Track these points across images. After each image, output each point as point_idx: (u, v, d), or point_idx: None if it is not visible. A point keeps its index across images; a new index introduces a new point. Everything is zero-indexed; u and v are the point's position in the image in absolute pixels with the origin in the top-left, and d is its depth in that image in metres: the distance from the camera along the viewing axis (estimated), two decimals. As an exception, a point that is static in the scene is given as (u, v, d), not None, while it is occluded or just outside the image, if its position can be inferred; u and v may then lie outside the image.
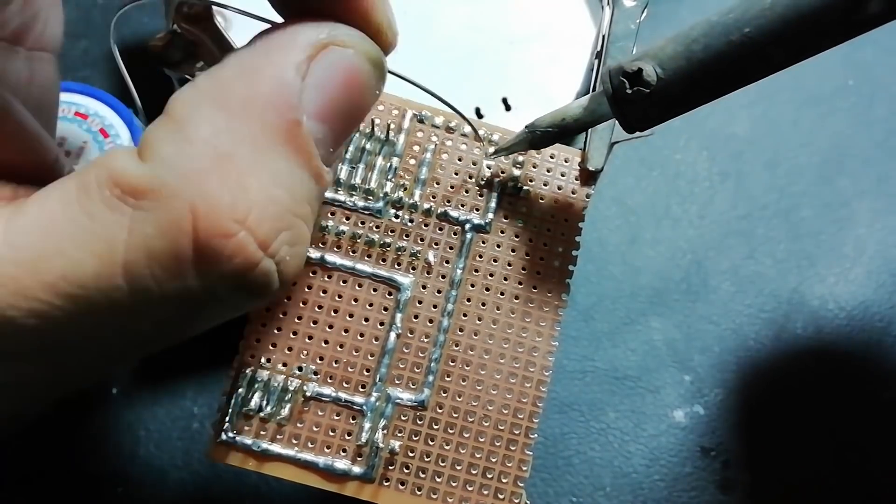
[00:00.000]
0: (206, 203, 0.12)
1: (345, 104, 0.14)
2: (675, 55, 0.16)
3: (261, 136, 0.13)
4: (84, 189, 0.12)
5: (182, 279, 0.12)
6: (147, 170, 0.12)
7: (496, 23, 0.27)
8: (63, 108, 0.27)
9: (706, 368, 0.28)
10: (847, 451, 0.27)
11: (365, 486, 0.18)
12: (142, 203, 0.12)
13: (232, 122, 0.13)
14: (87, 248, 0.12)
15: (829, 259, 0.30)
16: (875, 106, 0.32)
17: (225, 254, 0.12)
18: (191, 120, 0.13)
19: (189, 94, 0.13)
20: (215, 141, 0.13)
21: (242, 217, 0.12)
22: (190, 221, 0.12)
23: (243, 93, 0.13)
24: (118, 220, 0.12)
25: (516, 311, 0.20)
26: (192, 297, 0.13)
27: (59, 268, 0.12)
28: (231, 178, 0.13)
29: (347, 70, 0.14)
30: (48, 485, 0.25)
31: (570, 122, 0.18)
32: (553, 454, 0.27)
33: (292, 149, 0.13)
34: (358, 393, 0.19)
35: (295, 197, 0.13)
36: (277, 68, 0.13)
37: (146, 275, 0.12)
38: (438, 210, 0.20)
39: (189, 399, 0.27)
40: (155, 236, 0.12)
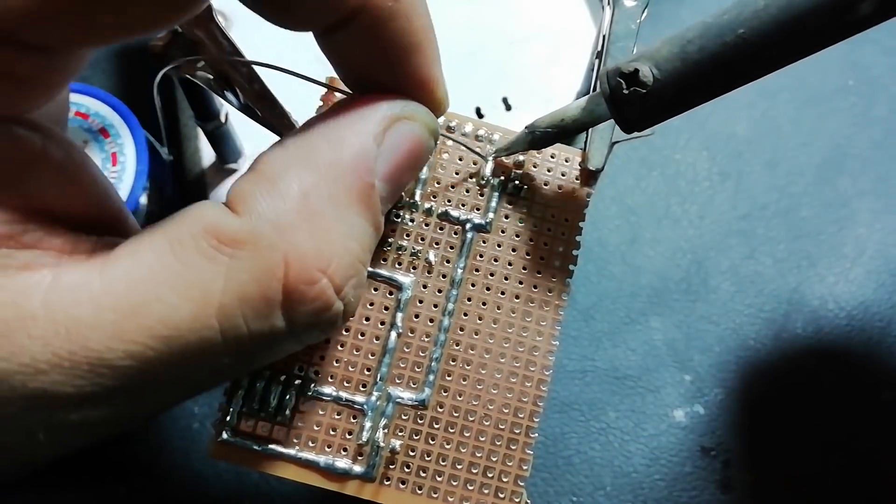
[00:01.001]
0: (297, 253, 0.14)
1: (407, 168, 0.16)
2: (671, 56, 0.16)
3: (343, 196, 0.15)
4: (178, 241, 0.14)
5: (269, 319, 0.14)
6: (244, 222, 0.14)
7: (496, 23, 0.27)
8: None
9: (706, 368, 0.28)
10: (847, 450, 0.27)
11: (366, 485, 0.18)
12: (238, 252, 0.14)
13: (319, 182, 0.15)
14: (184, 294, 0.13)
15: (829, 259, 0.30)
16: (875, 106, 0.32)
17: (308, 297, 0.14)
18: (282, 178, 0.14)
19: (279, 154, 0.15)
20: (305, 199, 0.14)
21: (325, 266, 0.14)
22: (283, 269, 0.14)
23: (329, 157, 0.15)
24: (215, 268, 0.13)
25: (517, 311, 0.20)
26: (275, 334, 0.14)
27: (157, 313, 0.13)
28: (318, 232, 0.14)
29: (413, 140, 0.16)
30: (48, 485, 0.25)
31: (569, 123, 0.18)
32: (553, 453, 0.27)
33: (365, 207, 0.15)
34: (359, 392, 0.19)
35: (363, 247, 0.15)
36: (360, 137, 0.15)
37: (238, 315, 0.14)
38: (439, 210, 0.20)
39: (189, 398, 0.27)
40: (249, 282, 0.14)
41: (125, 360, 0.13)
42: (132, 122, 0.27)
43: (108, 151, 0.26)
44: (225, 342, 0.14)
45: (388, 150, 0.16)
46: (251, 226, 0.14)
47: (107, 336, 0.13)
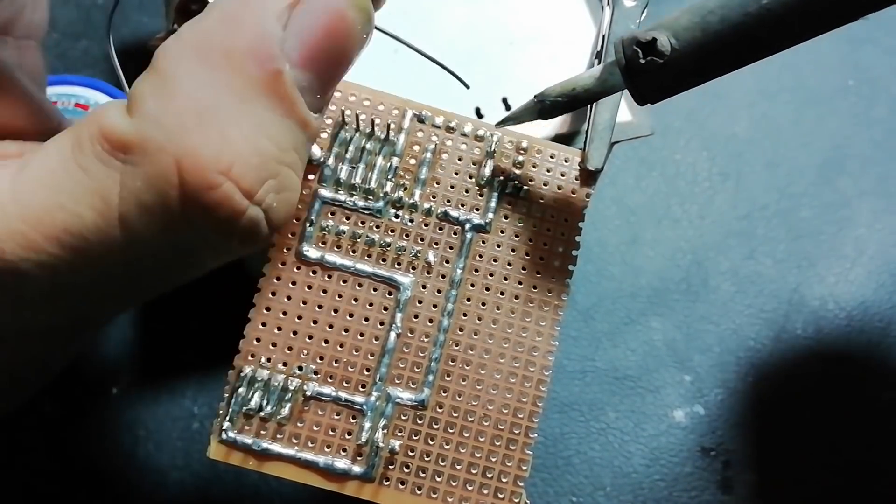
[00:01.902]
0: (189, 157, 0.13)
1: (329, 50, 0.14)
2: (691, 26, 0.16)
3: (243, 88, 0.13)
4: (78, 143, 0.13)
5: (173, 229, 0.13)
6: (133, 125, 0.13)
7: (496, 23, 0.27)
8: (63, 101, 0.27)
9: (706, 368, 0.28)
10: (847, 450, 0.27)
11: (365, 485, 0.18)
12: (130, 157, 0.13)
13: (214, 74, 0.13)
14: (84, 201, 0.13)
15: (829, 259, 0.30)
16: (875, 106, 0.32)
17: (210, 205, 0.13)
18: (174, 73, 0.13)
19: (173, 46, 0.14)
20: (198, 94, 0.13)
21: (226, 168, 0.13)
22: (176, 175, 0.13)
23: (224, 44, 0.13)
24: (110, 173, 0.13)
25: (516, 311, 0.20)
26: (185, 244, 0.14)
27: (61, 221, 0.13)
28: (213, 130, 0.13)
29: (330, 16, 0.14)
30: (48, 485, 0.25)
31: (581, 92, 0.18)
32: (553, 454, 0.27)
33: (275, 98, 0.13)
34: (358, 392, 0.19)
35: (280, 145, 0.14)
36: (257, 17, 0.13)
37: (140, 224, 0.13)
38: (438, 210, 0.20)
39: (189, 399, 0.27)
40: (144, 190, 0.13)
41: (38, 270, 0.13)
42: None
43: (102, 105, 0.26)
44: (131, 249, 0.13)
45: (298, 29, 0.14)
46: (139, 128, 0.13)
47: (19, 246, 0.13)
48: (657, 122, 0.30)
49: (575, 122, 0.25)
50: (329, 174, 0.19)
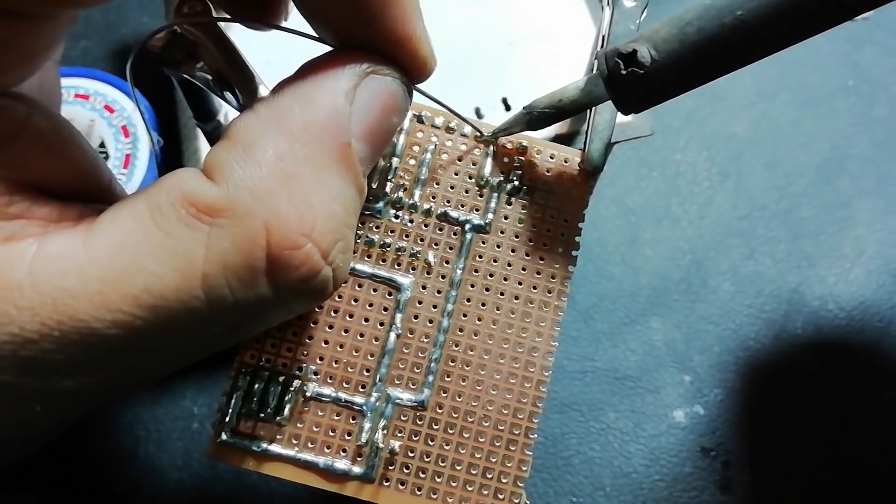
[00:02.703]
0: (277, 219, 0.14)
1: (382, 125, 0.16)
2: (670, 37, 0.16)
3: (319, 157, 0.14)
4: (158, 209, 0.14)
5: (254, 287, 0.14)
6: (222, 191, 0.14)
7: (496, 23, 0.27)
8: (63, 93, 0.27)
9: (706, 368, 0.28)
10: (847, 450, 0.27)
11: (365, 486, 0.18)
12: (218, 221, 0.14)
13: (293, 145, 0.14)
14: (167, 263, 0.13)
15: (829, 259, 0.30)
16: (875, 106, 0.32)
17: (294, 264, 0.14)
18: (256, 144, 0.14)
19: (251, 120, 0.15)
20: (281, 163, 0.14)
21: (309, 231, 0.14)
22: (264, 236, 0.14)
23: (301, 119, 0.14)
24: (196, 236, 0.13)
25: (516, 312, 0.20)
26: (263, 303, 0.14)
27: (142, 282, 0.13)
28: (297, 196, 0.14)
29: (385, 94, 0.16)
30: (48, 485, 0.25)
31: (567, 104, 0.18)
32: (553, 454, 0.27)
33: (345, 167, 0.15)
34: (358, 393, 0.19)
35: (347, 210, 0.15)
36: (330, 96, 0.15)
37: (223, 285, 0.14)
38: (438, 210, 0.20)
39: (189, 399, 0.27)
40: (231, 250, 0.13)
41: (113, 329, 0.13)
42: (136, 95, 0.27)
43: (118, 125, 0.27)
44: (211, 311, 0.14)
45: (361, 107, 0.15)
46: (229, 193, 0.14)
47: (94, 306, 0.13)
48: (657, 122, 0.30)
49: (575, 123, 0.25)
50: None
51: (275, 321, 0.16)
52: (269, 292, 0.14)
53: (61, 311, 0.13)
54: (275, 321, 0.16)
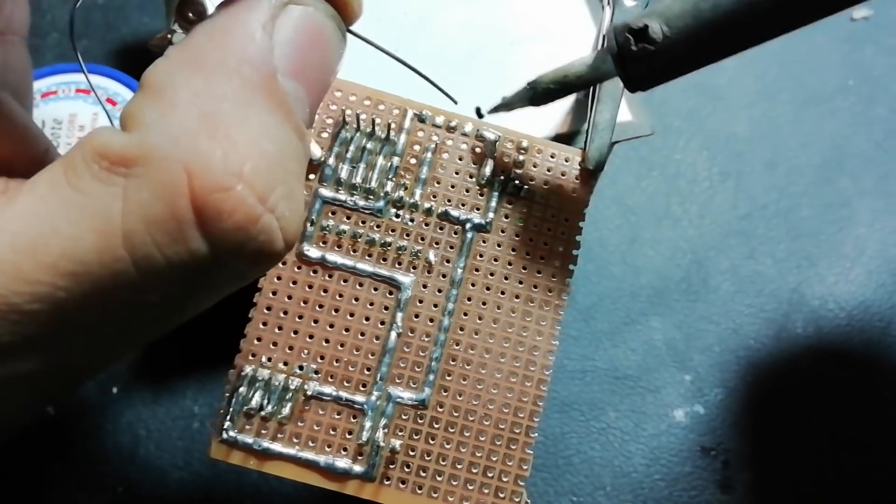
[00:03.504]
0: (198, 160, 0.12)
1: (313, 61, 0.14)
2: (683, 13, 0.16)
3: (240, 92, 0.13)
4: (71, 167, 0.12)
5: (185, 242, 0.12)
6: (134, 138, 0.12)
7: (496, 23, 0.27)
8: (63, 89, 0.27)
9: (706, 368, 0.28)
10: (847, 450, 0.27)
11: (366, 484, 0.18)
12: (133, 170, 0.12)
13: (210, 81, 0.13)
14: (82, 223, 0.12)
15: (829, 259, 0.30)
16: (875, 106, 0.32)
17: (225, 208, 0.12)
18: (169, 86, 0.13)
19: (162, 64, 0.13)
20: (197, 101, 0.13)
21: (237, 170, 0.12)
22: (185, 180, 0.12)
23: (216, 53, 0.13)
24: (111, 190, 0.12)
25: (517, 311, 0.20)
26: (197, 260, 0.13)
27: (58, 247, 0.12)
28: (219, 133, 0.12)
29: (311, 27, 0.14)
30: (49, 485, 0.25)
31: (573, 79, 0.18)
32: (553, 453, 0.27)
33: (273, 103, 0.13)
34: (359, 392, 0.19)
35: (282, 151, 0.13)
36: (246, 27, 0.13)
37: (148, 241, 0.12)
38: (439, 209, 0.20)
39: (189, 398, 0.27)
40: (151, 201, 0.12)
41: (34, 304, 0.12)
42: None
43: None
44: (140, 274, 0.12)
45: (284, 40, 0.14)
46: (142, 139, 0.12)
47: (9, 279, 0.12)
48: (657, 122, 0.30)
49: (575, 122, 0.25)
50: (329, 174, 0.19)
51: (225, 287, 0.14)
52: (203, 246, 0.13)
53: None
54: (225, 287, 0.14)
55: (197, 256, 0.13)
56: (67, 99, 0.27)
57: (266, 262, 0.14)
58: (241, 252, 0.13)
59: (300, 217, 0.14)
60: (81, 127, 0.27)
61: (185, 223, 0.12)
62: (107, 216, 0.12)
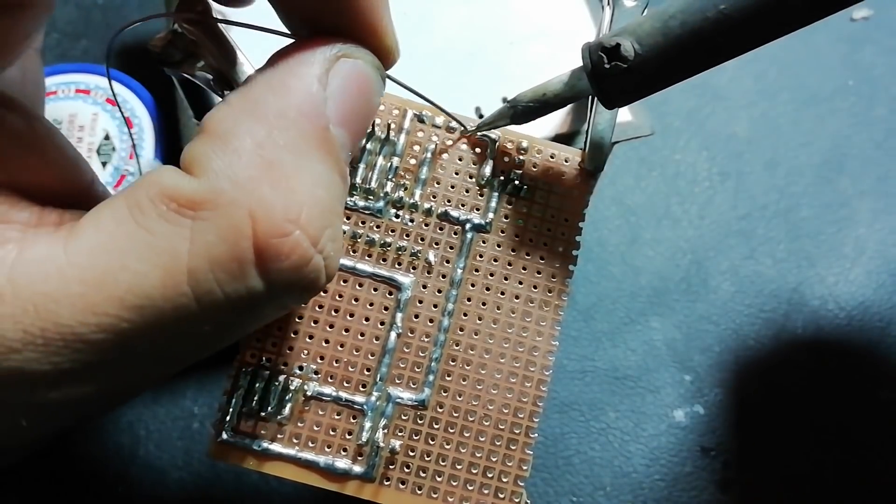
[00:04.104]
0: (261, 207, 0.13)
1: (358, 109, 0.15)
2: (653, 31, 0.16)
3: (299, 143, 0.14)
4: (137, 206, 0.13)
5: (244, 280, 0.13)
6: (202, 183, 0.13)
7: (496, 23, 0.27)
8: (63, 89, 0.27)
9: (706, 368, 0.28)
10: (847, 450, 0.27)
11: (365, 485, 0.18)
12: (200, 214, 0.13)
13: (271, 132, 0.14)
14: (150, 261, 0.13)
15: (829, 259, 0.30)
16: (875, 106, 0.32)
17: (283, 252, 0.13)
18: (233, 134, 0.14)
19: (224, 111, 0.14)
20: (260, 150, 0.14)
21: (295, 217, 0.14)
22: (250, 225, 0.13)
23: (276, 106, 0.14)
24: (179, 231, 0.13)
25: (517, 311, 0.20)
26: (253, 296, 0.14)
27: (125, 282, 0.13)
28: (280, 182, 0.14)
29: (358, 78, 0.15)
30: (48, 485, 0.25)
31: (551, 97, 0.18)
32: (553, 454, 0.27)
33: (325, 152, 0.14)
34: (358, 392, 0.19)
35: (332, 196, 0.15)
36: (303, 81, 0.14)
37: (210, 279, 0.13)
38: (439, 210, 0.20)
39: (189, 399, 0.27)
40: (217, 243, 0.13)
41: (99, 334, 0.13)
42: (135, 87, 0.27)
43: (121, 117, 0.27)
44: (201, 308, 0.13)
45: (336, 91, 0.15)
46: (209, 185, 0.13)
47: (77, 310, 0.12)
48: (657, 122, 0.30)
49: (575, 122, 0.25)
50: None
51: (268, 318, 0.16)
52: (260, 284, 0.14)
53: (44, 318, 0.12)
54: (268, 318, 0.16)
55: (254, 293, 0.14)
56: (67, 99, 0.27)
57: (310, 295, 0.15)
58: (292, 289, 0.14)
59: (340, 253, 0.16)
60: (81, 127, 0.27)
61: (247, 264, 0.13)
62: (174, 255, 0.13)
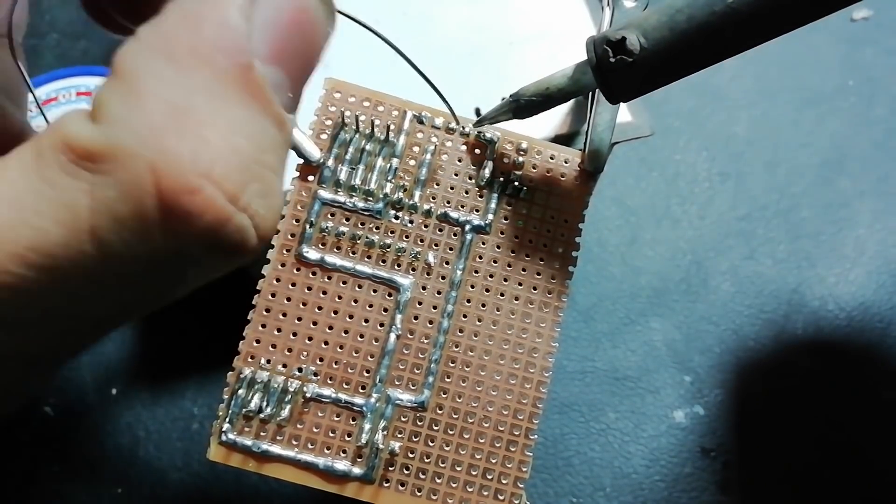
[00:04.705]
0: (165, 160, 0.12)
1: (296, 44, 0.14)
2: (659, 25, 0.16)
3: (214, 84, 0.12)
4: (40, 155, 0.12)
5: (150, 240, 0.12)
6: (100, 132, 0.12)
7: (496, 23, 0.27)
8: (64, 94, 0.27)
9: (706, 369, 0.28)
10: (847, 450, 0.27)
11: (365, 487, 0.18)
12: (100, 166, 0.12)
13: (181, 72, 0.12)
14: (50, 216, 0.12)
15: (829, 259, 0.30)
16: (875, 106, 0.32)
17: (193, 211, 0.12)
18: (138, 75, 0.12)
19: (133, 48, 0.13)
20: (167, 94, 0.12)
21: (206, 171, 0.12)
22: (152, 181, 0.12)
23: (189, 41, 0.12)
24: (78, 185, 0.12)
25: (516, 312, 0.19)
26: (166, 258, 0.12)
27: (26, 238, 0.12)
28: (189, 131, 0.12)
29: (294, 6, 0.13)
30: (48, 485, 0.25)
31: (555, 92, 0.18)
32: (553, 455, 0.27)
33: (248, 95, 0.13)
34: (358, 394, 0.19)
35: (259, 146, 0.13)
36: (220, 11, 0.13)
37: (114, 238, 0.12)
38: (438, 211, 0.20)
39: (189, 400, 0.27)
40: (117, 199, 0.12)
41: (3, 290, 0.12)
42: None
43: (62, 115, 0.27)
44: (106, 268, 0.12)
45: (264, 24, 0.13)
46: (109, 135, 0.12)
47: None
48: (657, 122, 0.30)
49: (575, 123, 0.25)
50: (329, 175, 0.19)
51: (198, 280, 0.14)
52: (170, 245, 0.12)
53: None
54: (198, 280, 0.14)
55: (164, 254, 0.12)
56: (69, 103, 0.27)
57: (239, 257, 0.13)
58: (210, 250, 0.13)
59: (277, 210, 0.14)
60: None
61: (152, 223, 0.12)
62: (74, 210, 0.12)
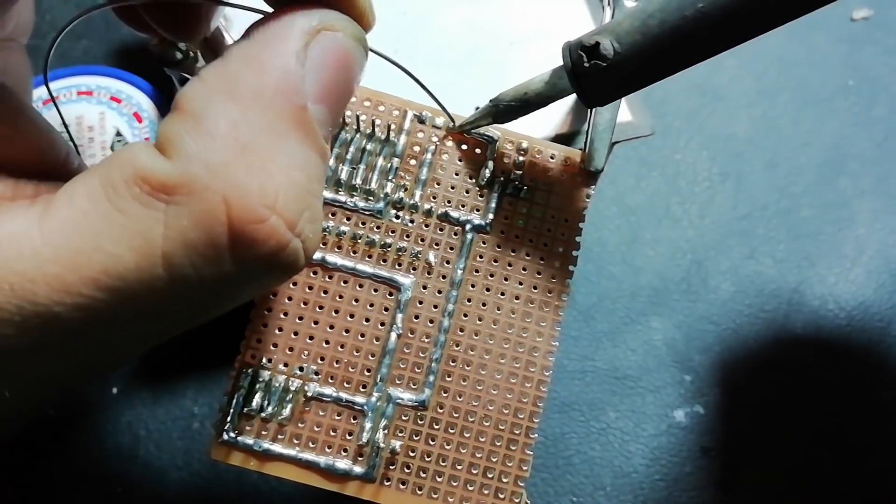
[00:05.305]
0: (236, 192, 0.13)
1: (339, 84, 0.15)
2: (632, 30, 0.16)
3: (276, 124, 0.14)
4: (111, 187, 0.13)
5: (219, 265, 0.13)
6: (175, 167, 0.13)
7: (496, 23, 0.27)
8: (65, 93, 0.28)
9: (706, 368, 0.28)
10: (847, 450, 0.27)
11: (366, 485, 0.18)
12: (175, 198, 0.13)
13: (246, 112, 0.14)
14: (124, 243, 0.13)
15: (829, 259, 0.30)
16: (875, 106, 0.32)
17: (259, 238, 0.13)
18: (207, 114, 0.14)
19: (199, 88, 0.14)
20: (235, 133, 0.13)
21: (271, 202, 0.13)
22: (224, 211, 0.13)
23: (252, 84, 0.14)
24: (152, 214, 0.13)
25: (517, 312, 0.20)
26: (229, 280, 0.14)
27: (100, 263, 0.13)
28: (255, 166, 0.13)
29: (339, 52, 0.15)
30: (48, 485, 0.25)
31: (533, 96, 0.18)
32: (553, 454, 0.27)
33: (303, 132, 0.14)
34: (359, 393, 0.19)
35: (310, 177, 0.14)
36: (281, 58, 0.14)
37: (185, 263, 0.13)
38: (439, 210, 0.20)
39: (189, 399, 0.27)
40: (191, 228, 0.13)
41: (75, 313, 0.13)
42: (137, 81, 0.27)
43: (129, 113, 0.27)
44: (175, 291, 0.13)
45: (315, 67, 0.14)
46: (183, 169, 0.13)
47: (53, 291, 0.13)
48: (657, 122, 0.30)
49: (575, 122, 0.25)
50: (329, 175, 0.19)
51: (246, 297, 0.16)
52: (236, 269, 0.14)
53: (20, 297, 0.12)
54: (246, 297, 0.16)
55: (228, 276, 0.14)
56: (70, 103, 0.27)
57: (289, 276, 0.15)
58: (270, 272, 0.14)
59: (319, 234, 0.15)
60: (90, 127, 0.27)
61: (222, 249, 0.13)
62: (148, 238, 0.13)
